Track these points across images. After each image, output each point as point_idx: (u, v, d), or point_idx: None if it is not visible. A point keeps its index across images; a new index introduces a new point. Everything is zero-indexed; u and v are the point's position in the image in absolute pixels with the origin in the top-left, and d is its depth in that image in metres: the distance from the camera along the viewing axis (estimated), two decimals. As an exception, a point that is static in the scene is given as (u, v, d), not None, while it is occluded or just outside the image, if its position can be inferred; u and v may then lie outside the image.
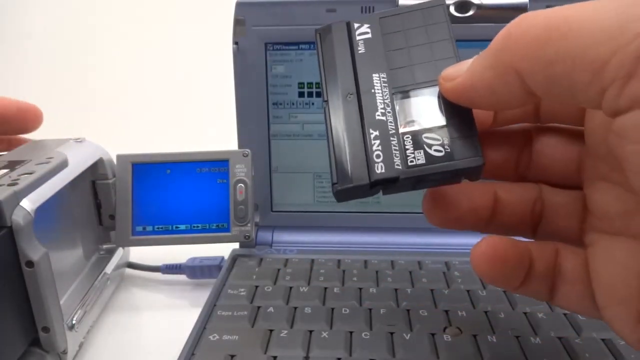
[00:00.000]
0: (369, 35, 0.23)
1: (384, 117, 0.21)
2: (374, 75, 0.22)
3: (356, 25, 0.23)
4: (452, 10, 0.37)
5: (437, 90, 0.21)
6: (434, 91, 0.21)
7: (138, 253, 0.41)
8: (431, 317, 0.31)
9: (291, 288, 0.34)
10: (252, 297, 0.34)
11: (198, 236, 0.37)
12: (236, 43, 0.39)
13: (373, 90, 0.22)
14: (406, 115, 0.21)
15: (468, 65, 0.19)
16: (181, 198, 0.38)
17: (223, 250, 0.40)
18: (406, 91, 0.22)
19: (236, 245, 0.41)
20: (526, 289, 0.22)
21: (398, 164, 0.20)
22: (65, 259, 0.32)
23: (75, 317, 0.30)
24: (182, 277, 0.40)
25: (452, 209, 0.23)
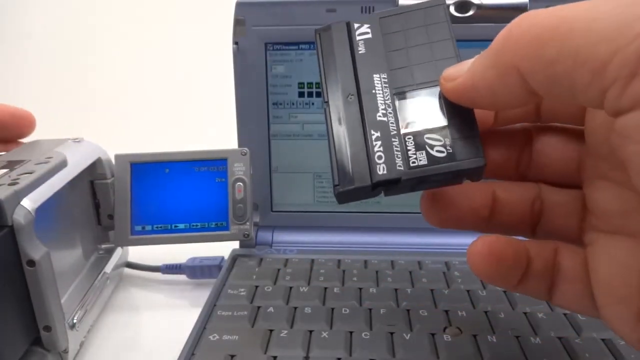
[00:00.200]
0: (369, 35, 0.23)
1: (385, 118, 0.21)
2: (375, 75, 0.22)
3: (356, 25, 0.23)
4: (452, 10, 0.37)
5: (438, 90, 0.21)
6: (435, 91, 0.21)
7: (138, 253, 0.41)
8: (431, 317, 0.31)
9: (291, 288, 0.34)
10: (252, 297, 0.34)
11: (197, 235, 0.37)
12: (236, 43, 0.39)
13: (374, 90, 0.22)
14: (407, 115, 0.21)
15: (469, 65, 0.19)
16: (180, 197, 0.38)
17: (223, 250, 0.40)
18: (407, 92, 0.22)
19: (236, 245, 0.41)
20: (524, 288, 0.22)
21: (400, 165, 0.20)
22: (65, 259, 0.32)
23: (76, 317, 0.30)
24: (182, 277, 0.40)
25: (451, 209, 0.23)
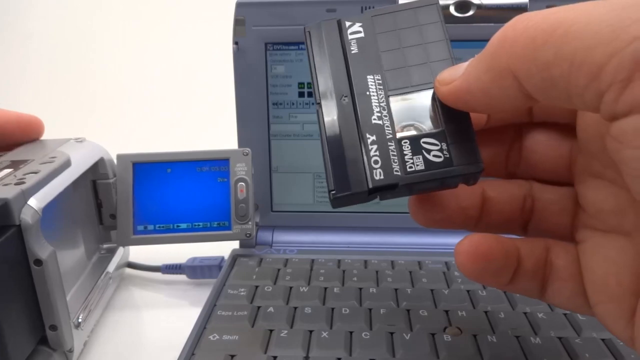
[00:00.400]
0: (362, 34, 0.22)
1: (381, 121, 0.21)
2: (369, 77, 0.22)
3: (348, 23, 0.23)
4: (452, 10, 0.37)
5: (433, 93, 0.21)
6: (430, 94, 0.21)
7: (138, 253, 0.41)
8: (431, 317, 0.31)
9: (291, 288, 0.34)
10: (252, 297, 0.34)
11: (199, 235, 0.37)
12: (236, 43, 0.39)
13: (368, 92, 0.21)
14: (402, 118, 0.21)
15: (463, 68, 0.19)
16: (182, 197, 0.38)
17: (223, 250, 0.40)
18: (402, 94, 0.21)
19: (236, 245, 0.41)
20: (516, 286, 0.22)
21: (397, 170, 0.20)
22: (68, 258, 0.32)
23: (80, 316, 0.31)
24: (182, 277, 0.40)
25: (439, 209, 0.23)
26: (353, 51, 0.22)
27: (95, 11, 0.81)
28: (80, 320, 0.30)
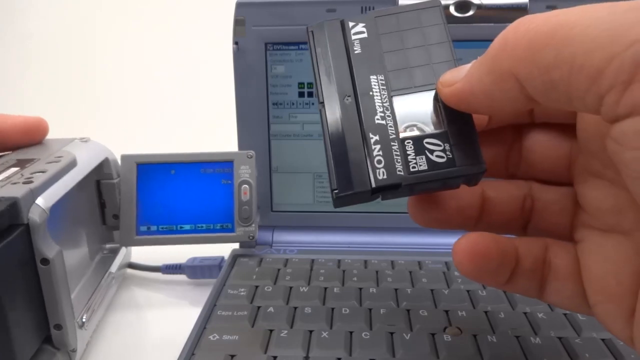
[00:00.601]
0: (365, 35, 0.22)
1: (384, 121, 0.21)
2: (372, 77, 0.22)
3: (351, 24, 0.23)
4: (452, 10, 0.37)
5: (436, 94, 0.21)
6: (433, 95, 0.21)
7: (138, 253, 0.41)
8: (431, 317, 0.31)
9: (291, 288, 0.34)
10: (252, 297, 0.34)
11: (202, 236, 0.37)
12: (236, 43, 0.39)
13: (371, 92, 0.21)
14: (405, 119, 0.21)
15: (466, 70, 0.19)
16: (185, 198, 0.38)
17: (223, 250, 0.40)
18: (405, 95, 0.21)
19: (236, 245, 0.41)
20: (514, 286, 0.22)
21: (400, 170, 0.20)
22: (72, 258, 0.32)
23: (84, 316, 0.31)
24: (182, 277, 0.40)
25: (438, 209, 0.23)
26: (356, 51, 0.22)
27: (95, 11, 0.81)
28: (84, 320, 0.30)
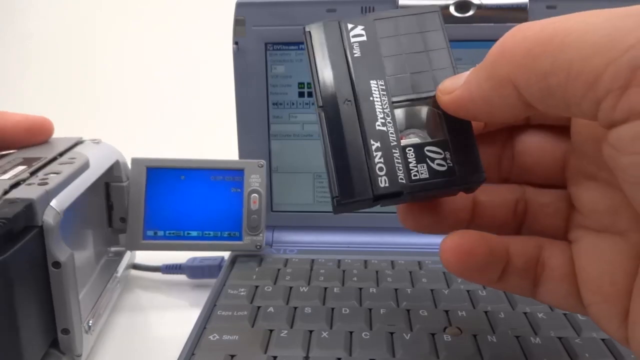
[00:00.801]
0: (364, 38, 0.22)
1: (385, 128, 0.21)
2: (372, 81, 0.21)
3: (350, 25, 0.22)
4: (452, 10, 0.37)
5: (435, 101, 0.21)
6: (432, 103, 0.21)
7: (138, 253, 0.41)
8: (431, 317, 0.31)
9: (291, 288, 0.34)
10: (252, 297, 0.34)
11: (209, 243, 0.37)
12: (236, 43, 0.39)
13: (371, 97, 0.21)
14: (406, 126, 0.21)
15: (465, 77, 0.19)
16: (194, 204, 0.38)
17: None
18: (405, 101, 0.21)
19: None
20: (506, 284, 0.22)
21: (402, 178, 0.20)
22: (80, 261, 0.32)
23: (90, 321, 0.30)
24: (182, 277, 0.40)
25: (429, 214, 0.23)
26: (356, 55, 0.22)
27: (95, 11, 0.81)
28: (90, 324, 0.30)
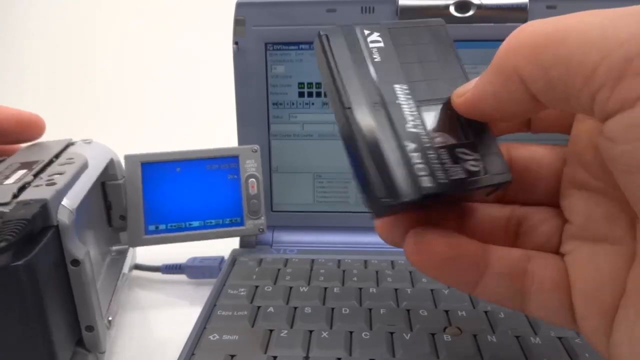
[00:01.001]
0: (382, 44, 0.22)
1: (416, 129, 0.21)
2: (396, 86, 0.21)
3: (366, 32, 0.22)
4: (452, 10, 0.37)
5: (451, 107, 0.21)
6: (450, 108, 0.21)
7: (138, 253, 0.41)
8: (431, 317, 0.31)
9: (291, 288, 0.34)
10: (252, 297, 0.34)
11: (212, 232, 0.37)
12: (236, 43, 0.39)
13: (397, 101, 0.21)
14: (434, 128, 0.21)
15: (476, 80, 0.20)
16: (193, 195, 0.38)
17: (223, 250, 0.40)
18: (429, 105, 0.21)
19: (236, 245, 0.41)
20: (485, 290, 0.21)
21: (442, 178, 0.20)
22: (92, 259, 0.32)
23: (110, 317, 0.30)
24: (182, 277, 0.40)
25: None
26: (376, 59, 0.22)
27: (95, 11, 0.81)
28: (110, 318, 0.30)
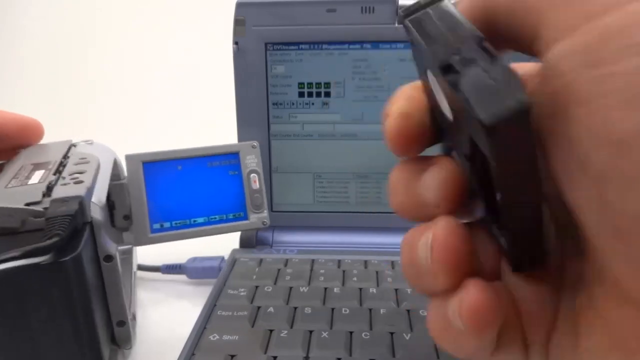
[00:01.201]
0: None
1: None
2: None
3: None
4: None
5: None
6: None
7: (140, 252, 0.41)
8: (431, 317, 0.31)
9: (291, 288, 0.34)
10: (252, 297, 0.34)
11: (217, 227, 0.37)
12: (236, 43, 0.39)
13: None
14: None
15: None
16: (195, 192, 0.38)
17: (223, 250, 0.40)
18: None
19: (236, 245, 0.41)
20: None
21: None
22: None
23: (133, 312, 0.31)
24: (182, 277, 0.40)
25: None
26: None
27: (95, 11, 0.81)
28: (134, 313, 0.30)
